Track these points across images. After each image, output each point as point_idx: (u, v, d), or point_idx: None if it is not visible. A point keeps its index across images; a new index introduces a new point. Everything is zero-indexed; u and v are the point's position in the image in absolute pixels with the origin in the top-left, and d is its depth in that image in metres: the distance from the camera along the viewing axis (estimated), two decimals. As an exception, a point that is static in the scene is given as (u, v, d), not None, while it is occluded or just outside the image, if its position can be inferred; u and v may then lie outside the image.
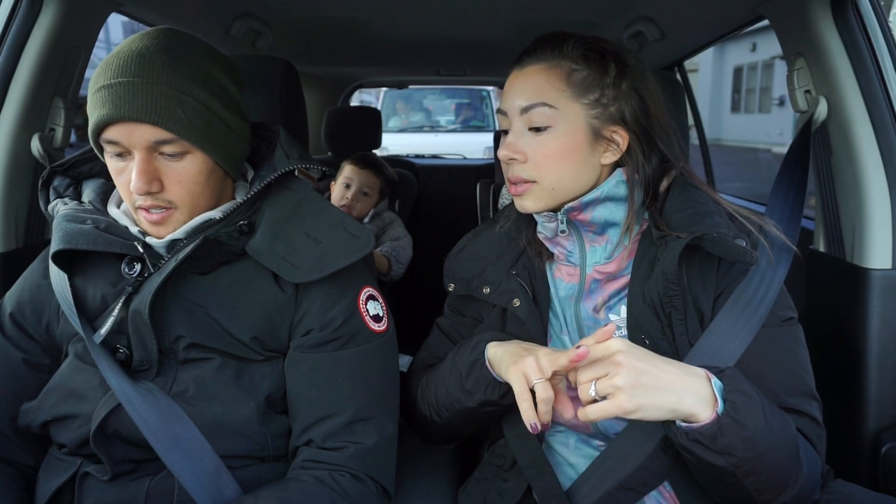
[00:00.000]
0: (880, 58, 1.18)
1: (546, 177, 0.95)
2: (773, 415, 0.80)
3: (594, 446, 1.00)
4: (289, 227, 0.96)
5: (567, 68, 0.94)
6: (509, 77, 0.99)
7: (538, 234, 1.04)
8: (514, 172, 0.97)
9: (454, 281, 1.10)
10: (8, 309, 1.00)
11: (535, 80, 0.95)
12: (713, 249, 0.89)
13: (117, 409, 0.89)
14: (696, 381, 0.78)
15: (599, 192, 0.95)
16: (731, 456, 0.77)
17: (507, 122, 0.99)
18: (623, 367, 0.76)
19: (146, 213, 0.90)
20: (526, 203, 0.98)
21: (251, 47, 1.98)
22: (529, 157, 0.95)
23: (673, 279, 0.89)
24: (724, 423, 0.76)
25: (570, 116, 0.94)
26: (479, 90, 7.39)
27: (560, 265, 1.04)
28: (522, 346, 0.92)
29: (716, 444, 0.77)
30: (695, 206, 0.94)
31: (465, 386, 0.97)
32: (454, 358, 1.01)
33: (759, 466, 0.79)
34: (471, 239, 1.12)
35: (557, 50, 0.95)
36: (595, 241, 1.00)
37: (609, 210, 0.97)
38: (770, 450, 0.78)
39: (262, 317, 0.95)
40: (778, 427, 0.80)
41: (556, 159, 0.94)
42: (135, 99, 0.84)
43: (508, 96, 0.97)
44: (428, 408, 1.05)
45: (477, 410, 0.98)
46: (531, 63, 0.96)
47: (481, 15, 1.94)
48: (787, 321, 0.94)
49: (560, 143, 0.94)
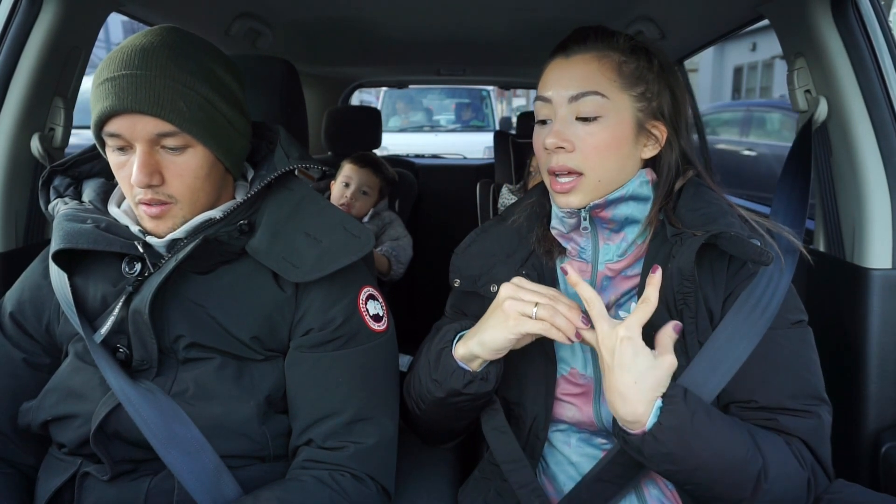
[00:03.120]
0: (880, 58, 1.18)
1: (594, 169, 0.94)
2: (709, 438, 0.82)
3: (596, 445, 1.00)
4: (289, 227, 0.96)
5: (617, 59, 0.94)
6: (550, 65, 0.98)
7: (551, 230, 1.04)
8: (559, 162, 0.94)
9: (460, 277, 1.08)
10: (8, 308, 1.00)
11: (586, 68, 0.94)
12: (729, 248, 0.89)
13: (117, 408, 0.89)
14: (640, 409, 0.81)
15: (625, 191, 0.95)
16: (656, 466, 0.84)
17: (548, 110, 0.96)
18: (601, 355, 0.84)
19: (146, 206, 0.90)
20: (573, 199, 0.95)
21: (251, 47, 1.98)
22: (577, 146, 0.93)
23: (688, 276, 0.89)
24: (647, 439, 0.82)
25: (619, 107, 0.94)
26: (480, 90, 7.39)
27: (572, 261, 1.04)
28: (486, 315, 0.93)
29: (642, 454, 0.83)
30: (708, 207, 0.95)
31: (433, 375, 0.96)
32: (426, 349, 1.01)
33: (690, 480, 0.84)
34: (479, 235, 1.11)
35: (608, 41, 0.95)
36: (610, 239, 1.00)
37: (630, 209, 0.97)
38: (700, 468, 0.82)
39: (262, 316, 0.95)
40: (715, 448, 0.82)
41: (605, 150, 0.93)
42: (138, 91, 0.84)
43: (554, 84, 0.95)
44: (410, 400, 1.05)
45: (447, 401, 0.97)
46: (580, 52, 0.95)
47: (481, 15, 1.94)
48: (796, 323, 0.94)
49: (609, 133, 0.93)
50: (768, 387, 0.91)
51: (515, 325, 0.88)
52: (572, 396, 1.00)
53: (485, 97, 7.44)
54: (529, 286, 0.90)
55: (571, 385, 1.00)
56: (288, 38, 2.11)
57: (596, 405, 0.98)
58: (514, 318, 0.88)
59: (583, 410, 0.99)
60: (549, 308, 0.86)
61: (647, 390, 0.82)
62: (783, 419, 0.90)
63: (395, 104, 7.54)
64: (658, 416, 0.81)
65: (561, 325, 0.86)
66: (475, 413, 1.02)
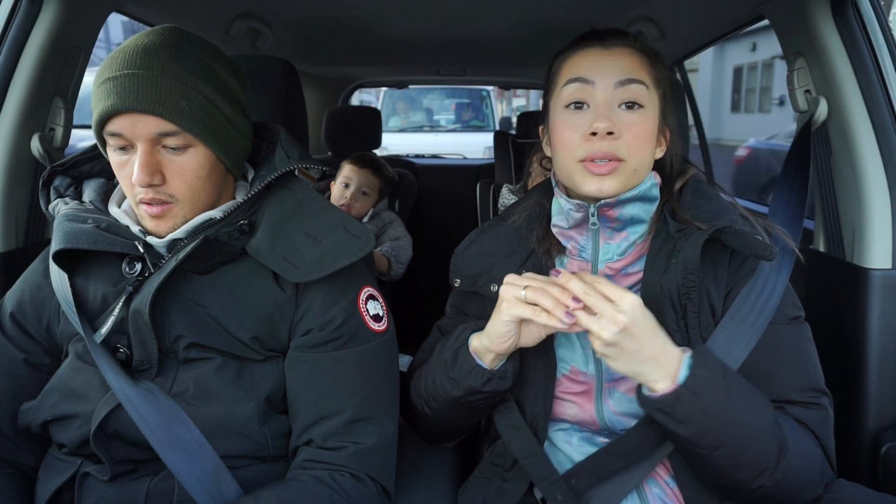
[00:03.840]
0: (880, 58, 1.18)
1: (634, 157, 0.94)
2: (740, 393, 0.84)
3: (598, 444, 1.00)
4: (289, 227, 0.96)
5: (650, 59, 0.98)
6: (583, 52, 0.97)
7: (552, 228, 1.04)
8: (604, 149, 0.92)
9: (460, 277, 1.09)
10: (8, 309, 1.00)
11: (630, 59, 0.95)
12: (733, 243, 0.91)
13: (117, 409, 0.89)
14: (666, 360, 0.84)
15: (637, 192, 0.96)
16: (690, 425, 0.83)
17: (587, 94, 0.94)
18: (616, 325, 0.81)
19: (147, 206, 0.90)
20: (609, 185, 0.93)
21: (251, 47, 1.98)
22: (623, 134, 0.93)
23: (693, 269, 0.90)
24: (682, 393, 0.82)
25: (654, 102, 0.96)
26: (480, 90, 7.39)
27: (572, 260, 1.04)
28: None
29: (675, 413, 0.83)
30: (710, 204, 0.97)
31: (449, 374, 0.97)
32: (441, 348, 1.02)
33: (722, 439, 0.83)
34: (479, 235, 1.12)
35: (640, 42, 0.99)
36: (611, 238, 1.01)
37: (637, 209, 0.98)
38: (732, 424, 0.83)
39: (262, 316, 0.95)
40: (745, 405, 0.84)
41: (644, 141, 0.94)
42: (139, 90, 0.84)
43: (597, 69, 0.94)
44: (419, 400, 1.05)
45: (463, 399, 0.97)
46: (618, 45, 0.97)
47: (481, 15, 1.94)
48: (794, 319, 0.96)
49: (649, 125, 0.95)
50: (774, 380, 0.92)
51: (508, 307, 0.88)
52: (573, 395, 1.00)
53: (485, 97, 7.44)
54: (529, 276, 0.90)
55: (572, 383, 1.00)
56: (288, 38, 2.11)
57: (598, 403, 0.98)
58: (506, 300, 0.89)
59: (584, 409, 0.99)
60: (538, 290, 0.86)
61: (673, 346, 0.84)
62: (791, 409, 0.92)
63: (395, 104, 7.55)
64: (690, 369, 0.83)
65: (548, 306, 0.85)
66: (488, 411, 1.03)
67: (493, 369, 0.94)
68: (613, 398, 0.98)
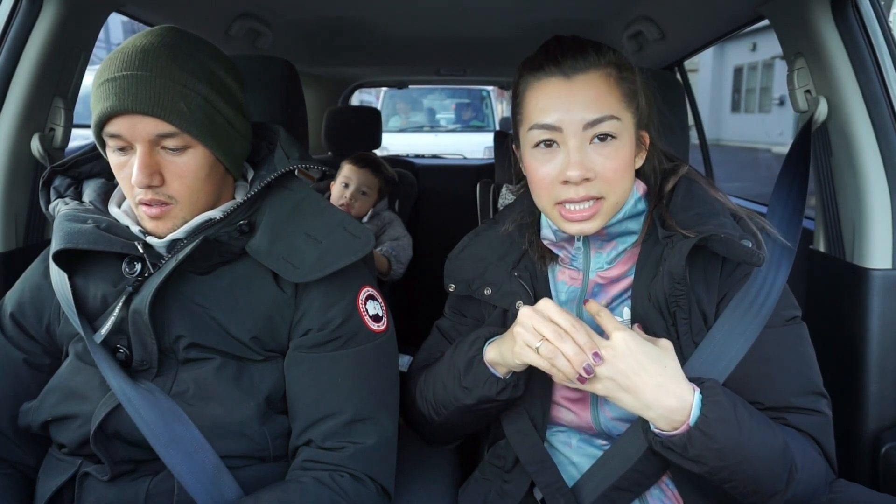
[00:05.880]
0: (880, 58, 1.18)
1: (613, 192, 0.90)
2: (752, 427, 0.82)
3: (597, 446, 1.00)
4: (289, 227, 0.96)
5: (616, 76, 0.90)
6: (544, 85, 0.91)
7: (542, 240, 1.04)
8: (582, 192, 0.89)
9: (455, 282, 1.09)
10: (8, 309, 1.00)
11: (596, 91, 0.89)
12: (720, 250, 0.89)
13: (117, 409, 0.89)
14: (667, 399, 0.81)
15: (622, 214, 0.94)
16: (702, 465, 0.81)
17: (555, 136, 0.90)
18: (606, 362, 0.82)
19: (146, 207, 0.90)
20: (592, 225, 0.91)
21: (251, 47, 1.98)
22: (598, 173, 0.89)
23: (679, 278, 0.89)
24: (694, 434, 0.79)
25: (627, 125, 0.91)
26: (480, 90, 7.39)
27: (563, 268, 1.04)
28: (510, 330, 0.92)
29: (686, 453, 0.81)
30: (700, 207, 0.94)
31: (463, 383, 0.97)
32: (452, 356, 1.01)
33: (735, 475, 0.82)
34: (471, 239, 1.12)
35: (601, 55, 0.90)
36: (601, 248, 1.00)
37: (625, 225, 0.97)
38: (746, 460, 0.81)
39: (261, 317, 0.95)
40: (758, 439, 0.82)
41: (622, 172, 0.90)
42: (138, 92, 0.84)
43: (563, 109, 0.88)
44: (427, 406, 1.05)
45: (476, 407, 0.98)
46: (580, 71, 0.89)
47: (481, 15, 1.94)
48: (791, 320, 0.95)
49: (624, 154, 0.90)
50: (772, 387, 0.91)
51: (520, 352, 0.87)
52: (570, 402, 1.00)
53: (485, 97, 7.44)
54: (548, 313, 0.86)
55: (570, 390, 1.00)
56: (288, 38, 2.11)
57: (594, 410, 0.98)
58: (518, 345, 0.87)
59: (580, 416, 0.99)
60: (551, 348, 0.83)
61: (677, 372, 0.82)
62: (791, 417, 0.91)
63: (395, 104, 7.54)
64: (701, 409, 0.80)
65: (562, 367, 0.83)
66: (496, 416, 1.03)
67: (507, 379, 0.94)
68: (609, 404, 0.97)
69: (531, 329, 0.85)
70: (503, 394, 0.94)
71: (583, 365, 0.82)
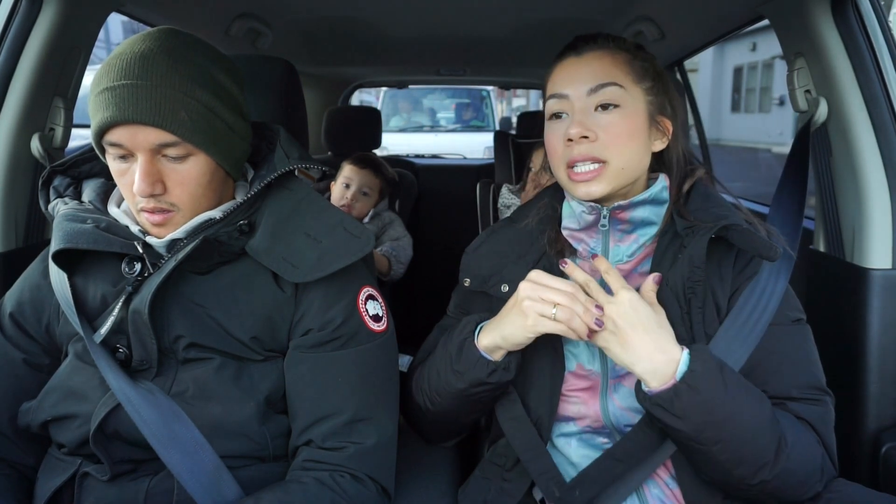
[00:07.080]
0: (880, 58, 1.18)
1: (616, 157, 0.96)
2: (738, 388, 0.86)
3: (597, 445, 1.00)
4: (289, 227, 0.96)
5: (627, 56, 0.99)
6: (561, 65, 1.01)
7: (563, 230, 1.05)
8: (584, 151, 0.96)
9: (470, 276, 1.10)
10: (8, 309, 1.00)
11: (601, 63, 0.98)
12: (739, 241, 0.93)
13: (117, 409, 0.89)
14: (657, 355, 0.87)
15: (648, 194, 0.98)
16: (689, 420, 0.85)
17: (564, 105, 0.99)
18: (607, 318, 0.89)
19: (149, 214, 0.90)
20: (595, 188, 0.96)
21: (251, 47, 1.98)
22: (599, 136, 0.95)
23: (699, 263, 0.92)
24: (680, 388, 0.84)
25: (634, 98, 0.97)
26: (480, 90, 7.39)
27: (583, 262, 1.05)
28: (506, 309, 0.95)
29: (673, 408, 0.85)
30: (718, 207, 0.99)
31: (454, 367, 0.97)
32: (444, 343, 1.02)
33: (722, 434, 0.85)
34: (489, 235, 1.13)
35: (615, 42, 1.00)
36: (621, 241, 1.02)
37: (648, 212, 1.00)
38: (731, 418, 0.84)
39: (261, 317, 0.95)
40: (743, 400, 0.86)
41: (626, 139, 0.96)
42: (138, 102, 0.84)
43: (571, 80, 0.98)
44: (422, 396, 1.06)
45: (467, 392, 0.97)
46: (591, 50, 0.99)
47: (481, 14, 1.94)
48: (796, 321, 0.98)
49: (628, 122, 0.96)
50: (775, 378, 0.93)
51: (534, 324, 0.90)
52: (578, 391, 1.00)
53: (485, 97, 7.44)
54: (547, 282, 0.91)
55: (578, 379, 1.00)
56: (288, 38, 2.11)
57: (603, 399, 0.99)
58: (532, 318, 0.90)
59: (588, 405, 0.99)
60: (567, 311, 0.88)
61: (669, 333, 0.88)
62: (791, 405, 0.93)
63: (395, 104, 7.54)
64: (689, 364, 0.85)
65: (577, 328, 0.89)
66: (491, 404, 1.04)
67: (497, 361, 0.95)
68: (619, 393, 0.98)
69: (539, 299, 0.89)
70: (494, 376, 0.95)
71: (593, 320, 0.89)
